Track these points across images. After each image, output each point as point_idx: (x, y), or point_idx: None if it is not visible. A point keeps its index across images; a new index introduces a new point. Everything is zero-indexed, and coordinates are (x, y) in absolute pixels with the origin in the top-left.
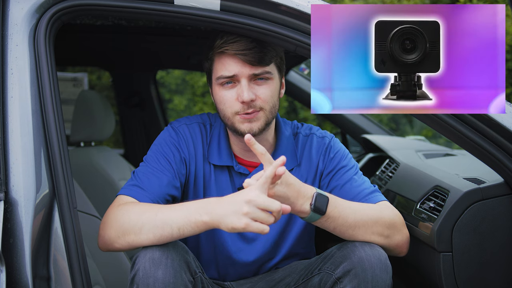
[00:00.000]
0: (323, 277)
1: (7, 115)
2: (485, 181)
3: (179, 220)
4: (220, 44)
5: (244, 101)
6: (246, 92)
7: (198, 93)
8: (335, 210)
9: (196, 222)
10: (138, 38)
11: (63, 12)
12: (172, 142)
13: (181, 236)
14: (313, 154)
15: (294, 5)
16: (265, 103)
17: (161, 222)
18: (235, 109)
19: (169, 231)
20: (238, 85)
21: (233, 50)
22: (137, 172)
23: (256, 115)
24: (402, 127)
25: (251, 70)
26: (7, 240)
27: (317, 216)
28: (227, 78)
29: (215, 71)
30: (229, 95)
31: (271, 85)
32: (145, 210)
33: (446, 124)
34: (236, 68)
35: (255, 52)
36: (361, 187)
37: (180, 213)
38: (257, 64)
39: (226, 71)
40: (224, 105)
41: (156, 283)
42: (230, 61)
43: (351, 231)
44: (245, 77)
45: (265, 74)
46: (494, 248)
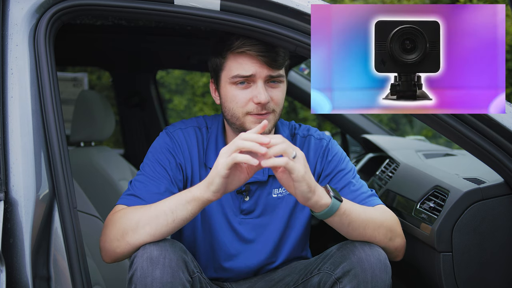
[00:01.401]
0: (322, 277)
1: (7, 115)
2: (485, 181)
3: (172, 204)
4: (240, 45)
5: (260, 102)
6: (263, 93)
7: (198, 93)
8: (348, 203)
9: (186, 198)
10: (138, 38)
11: (63, 12)
12: (167, 148)
13: (176, 221)
14: (311, 156)
15: (294, 5)
16: (277, 106)
17: (155, 211)
18: (248, 109)
19: (164, 218)
20: (253, 86)
21: (254, 51)
22: (134, 181)
23: (267, 116)
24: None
25: (269, 71)
26: (7, 240)
27: (337, 205)
28: (243, 78)
29: (228, 70)
30: (242, 95)
31: (282, 88)
32: (139, 208)
33: (446, 124)
34: (254, 69)
35: (273, 54)
36: (359, 190)
37: (172, 198)
38: (274, 66)
39: (243, 70)
40: (236, 104)
41: (153, 283)
42: (249, 61)
43: (362, 229)
44: (261, 79)
45: (279, 77)
46: (494, 248)
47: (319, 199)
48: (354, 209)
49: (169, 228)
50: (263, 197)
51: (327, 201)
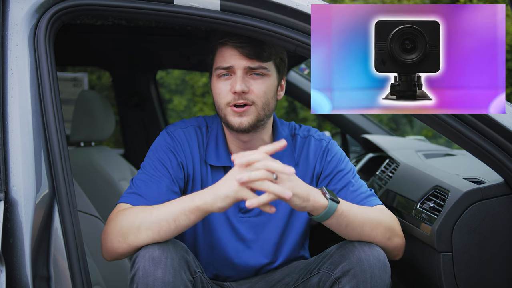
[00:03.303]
0: (322, 277)
1: (7, 115)
2: (485, 181)
3: (174, 211)
4: (222, 37)
5: (236, 92)
6: (238, 82)
7: (198, 93)
8: (345, 204)
9: (190, 208)
10: (138, 38)
11: (63, 12)
12: (168, 147)
13: (179, 228)
14: (311, 156)
15: (294, 5)
16: (258, 98)
17: (157, 217)
18: (227, 100)
19: (165, 225)
20: (233, 77)
21: (232, 42)
22: (135, 180)
23: (247, 109)
24: (402, 127)
25: (247, 63)
26: (7, 240)
27: (334, 207)
28: (224, 70)
29: (214, 63)
30: (224, 86)
31: (266, 82)
32: (141, 210)
33: (446, 124)
34: (233, 60)
35: (253, 46)
36: (358, 191)
37: (174, 204)
38: (253, 57)
39: (223, 62)
40: (218, 96)
41: (155, 283)
42: (228, 53)
43: (360, 229)
44: (240, 69)
45: (261, 70)
46: (494, 248)
47: (315, 203)
48: (351, 210)
49: (170, 234)
50: None
51: (324, 204)
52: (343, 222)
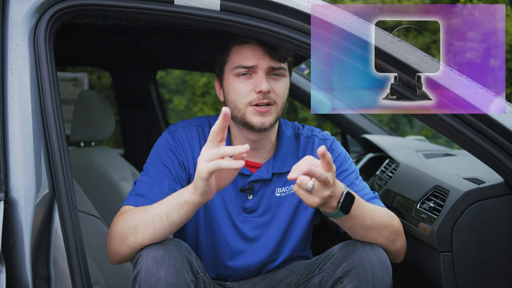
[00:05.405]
0: (323, 277)
1: (7, 115)
2: (485, 181)
3: (165, 207)
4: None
5: (261, 91)
6: (265, 82)
7: (198, 93)
8: (357, 210)
9: (179, 202)
10: (138, 38)
11: (63, 12)
12: (169, 148)
13: (172, 225)
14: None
15: (294, 5)
16: (279, 98)
17: (151, 216)
18: (249, 99)
19: (159, 222)
20: (254, 76)
21: (256, 41)
22: (138, 182)
23: (269, 109)
24: (402, 127)
25: (270, 62)
26: (7, 240)
27: (340, 215)
28: (245, 69)
29: (231, 61)
30: (244, 86)
31: (285, 82)
32: (138, 210)
33: (446, 124)
34: (256, 59)
35: (273, 46)
36: (362, 192)
37: (165, 201)
38: (276, 57)
39: (246, 61)
40: (238, 96)
41: (158, 283)
42: (251, 52)
43: (363, 233)
44: (263, 69)
45: (281, 70)
46: (494, 248)
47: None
48: (362, 215)
49: (166, 231)
50: (266, 196)
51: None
52: (347, 224)
